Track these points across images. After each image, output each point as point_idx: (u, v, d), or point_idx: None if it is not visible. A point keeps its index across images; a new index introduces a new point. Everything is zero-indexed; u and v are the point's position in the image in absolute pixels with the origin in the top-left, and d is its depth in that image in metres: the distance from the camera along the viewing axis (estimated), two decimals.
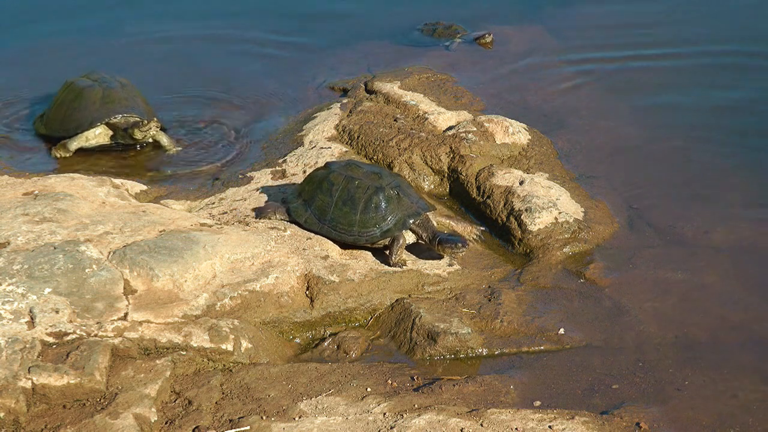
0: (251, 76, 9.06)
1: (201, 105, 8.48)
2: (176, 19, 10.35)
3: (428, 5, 10.40)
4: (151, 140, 7.71)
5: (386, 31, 9.80)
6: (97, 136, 7.70)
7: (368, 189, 5.98)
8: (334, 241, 6.15)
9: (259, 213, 6.38)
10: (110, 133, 7.70)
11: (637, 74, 8.66)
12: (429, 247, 6.12)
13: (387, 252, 6.05)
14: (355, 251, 6.28)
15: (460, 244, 6.01)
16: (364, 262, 6.17)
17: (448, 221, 6.38)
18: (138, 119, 7.59)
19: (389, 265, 6.02)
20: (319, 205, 6.08)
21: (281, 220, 6.27)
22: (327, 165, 6.32)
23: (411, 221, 6.01)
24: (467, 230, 6.33)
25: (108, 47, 9.76)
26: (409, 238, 6.11)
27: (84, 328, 5.28)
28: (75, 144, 7.65)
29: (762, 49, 8.89)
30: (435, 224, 6.15)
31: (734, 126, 7.71)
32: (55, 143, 7.74)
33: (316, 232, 6.17)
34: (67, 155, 7.64)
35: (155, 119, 7.63)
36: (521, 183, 6.76)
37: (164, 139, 7.76)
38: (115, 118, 7.63)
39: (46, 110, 7.97)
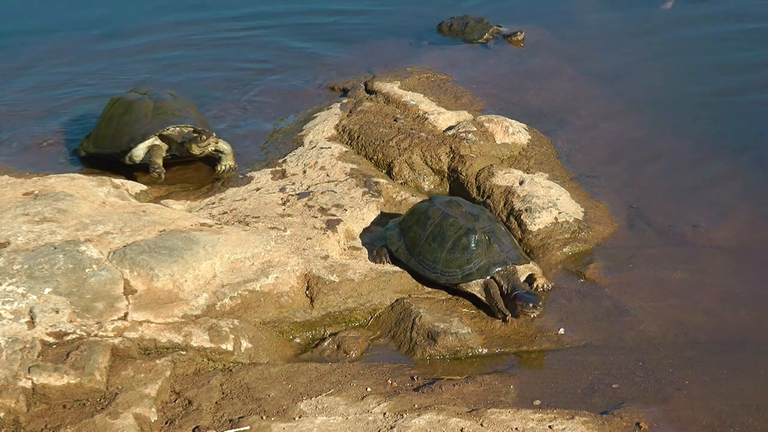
0: (251, 76, 9.06)
1: (201, 105, 8.48)
2: (176, 19, 10.35)
3: (429, 5, 10.40)
4: (210, 152, 7.24)
5: (389, 31, 9.81)
6: (154, 148, 7.24)
7: (460, 229, 5.74)
8: (419, 277, 5.92)
9: (373, 256, 6.13)
10: (165, 145, 7.24)
11: (638, 74, 8.65)
12: (505, 298, 5.72)
13: (486, 302, 5.73)
14: (355, 251, 6.29)
15: (531, 305, 5.58)
16: (364, 262, 6.17)
17: (543, 280, 5.93)
18: (194, 132, 7.17)
19: (492, 316, 5.69)
20: (412, 237, 5.90)
21: (381, 246, 6.10)
22: (432, 198, 6.11)
23: (495, 269, 5.69)
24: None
25: (104, 48, 9.77)
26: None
27: (84, 328, 5.28)
28: (155, 157, 7.16)
29: (763, 50, 8.90)
30: (520, 277, 5.78)
31: (734, 126, 7.70)
32: (102, 161, 7.36)
33: (404, 264, 5.96)
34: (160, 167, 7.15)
35: (213, 135, 7.17)
36: (521, 183, 6.76)
37: (226, 157, 7.26)
38: (168, 129, 7.21)
39: (92, 130, 7.58)
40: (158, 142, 7.24)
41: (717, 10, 9.84)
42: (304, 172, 7.03)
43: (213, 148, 7.19)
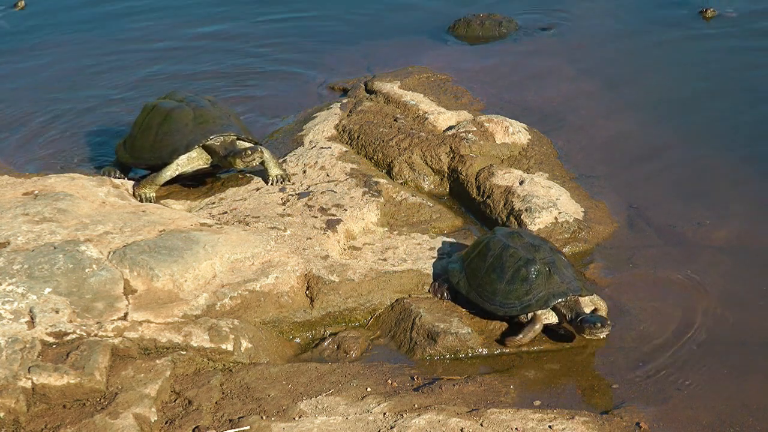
0: (251, 76, 9.06)
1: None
2: (176, 19, 10.35)
3: (429, 6, 10.40)
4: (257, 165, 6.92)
5: (389, 31, 9.81)
6: (193, 160, 6.88)
7: (520, 260, 5.58)
8: (479, 310, 5.73)
9: (433, 291, 5.96)
10: (207, 156, 6.90)
11: (638, 74, 8.65)
12: (570, 327, 5.55)
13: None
14: (355, 251, 6.29)
15: (599, 324, 5.36)
16: (364, 262, 6.17)
17: (602, 304, 5.71)
18: (238, 140, 6.87)
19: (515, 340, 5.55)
20: (473, 269, 5.75)
21: (443, 280, 5.92)
22: (494, 230, 5.97)
23: (555, 300, 5.49)
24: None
25: (111, 46, 9.78)
26: (552, 317, 5.57)
27: (84, 327, 5.28)
28: (168, 174, 6.84)
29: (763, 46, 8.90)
30: (584, 307, 5.55)
31: (734, 125, 7.70)
32: (133, 171, 7.16)
33: (463, 297, 5.78)
34: (155, 189, 6.85)
35: (259, 149, 6.80)
36: (521, 183, 6.76)
37: (273, 170, 6.95)
38: (211, 139, 6.84)
39: (127, 137, 7.24)
40: (201, 153, 6.89)
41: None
42: (304, 171, 7.03)
43: (258, 163, 6.86)
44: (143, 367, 5.20)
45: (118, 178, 7.03)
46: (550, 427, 4.82)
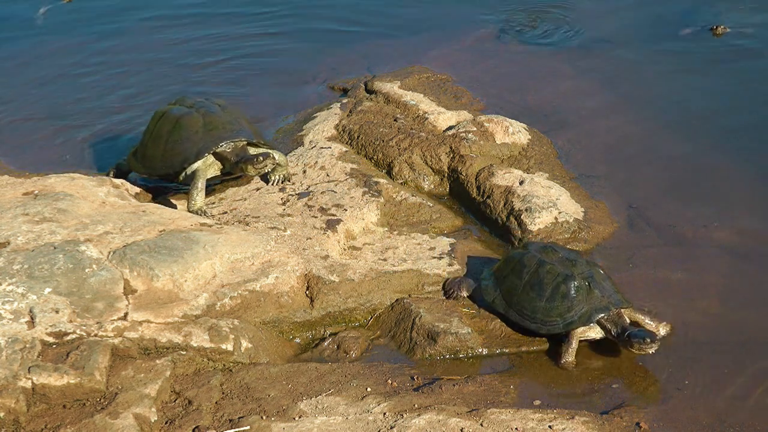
0: (251, 76, 9.06)
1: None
2: (175, 19, 10.35)
3: (430, 5, 10.40)
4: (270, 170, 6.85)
5: (389, 31, 9.80)
6: (208, 166, 6.77)
7: (558, 276, 5.51)
8: (519, 327, 5.64)
9: (447, 286, 5.92)
10: (218, 164, 6.79)
11: (638, 74, 8.65)
12: (616, 341, 5.46)
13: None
14: (355, 251, 6.29)
15: (648, 339, 5.28)
16: (364, 262, 6.17)
17: (641, 316, 5.59)
18: (248, 145, 6.77)
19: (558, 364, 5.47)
20: (509, 287, 5.66)
21: (467, 296, 5.85)
22: (526, 245, 5.89)
23: (598, 316, 5.41)
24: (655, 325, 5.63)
25: (101, 47, 9.77)
26: (596, 333, 5.49)
27: (84, 327, 5.28)
28: (200, 183, 6.67)
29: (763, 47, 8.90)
30: (627, 320, 5.47)
31: (734, 125, 7.70)
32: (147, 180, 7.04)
33: (501, 315, 5.68)
34: (204, 199, 6.66)
35: (271, 156, 6.69)
36: (521, 183, 6.76)
37: (282, 164, 6.89)
38: (222, 146, 6.72)
39: (137, 146, 7.10)
40: (213, 160, 6.77)
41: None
42: (304, 171, 7.03)
43: (270, 168, 6.78)
44: (143, 367, 5.20)
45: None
46: (550, 427, 4.82)
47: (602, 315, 5.43)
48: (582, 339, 5.48)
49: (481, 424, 4.83)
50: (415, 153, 7.18)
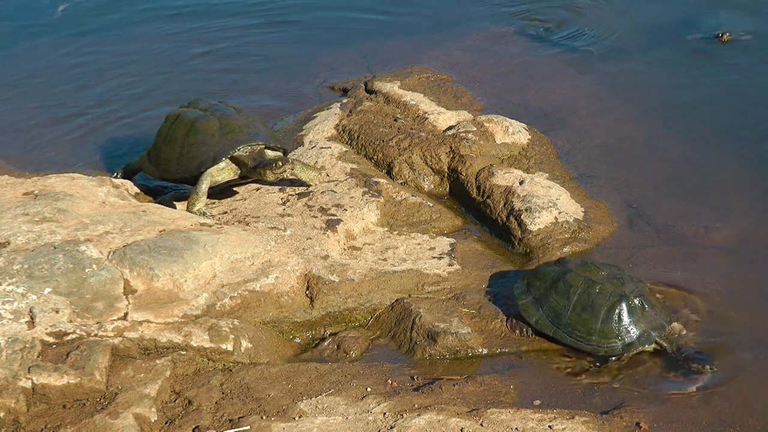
0: (251, 76, 9.06)
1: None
2: (175, 19, 10.35)
3: (430, 5, 10.40)
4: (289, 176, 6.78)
5: (389, 31, 9.80)
6: (222, 171, 6.66)
7: (611, 296, 5.42)
8: (567, 347, 5.57)
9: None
10: (235, 168, 6.69)
11: (638, 74, 8.65)
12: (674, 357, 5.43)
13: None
14: (355, 251, 6.29)
15: (707, 366, 5.23)
16: (364, 262, 6.17)
17: (677, 325, 5.54)
18: (267, 148, 6.68)
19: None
20: (554, 307, 5.54)
21: (515, 317, 5.69)
22: (561, 261, 5.79)
23: (656, 335, 5.39)
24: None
25: (100, 47, 9.77)
26: (648, 348, 5.46)
27: (84, 327, 5.28)
28: (204, 186, 6.60)
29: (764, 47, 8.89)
30: (677, 332, 5.46)
31: (734, 125, 7.70)
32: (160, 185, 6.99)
33: (547, 336, 5.57)
34: (204, 201, 6.62)
35: (290, 160, 6.64)
36: (521, 183, 6.76)
37: (305, 174, 6.81)
38: (239, 149, 6.62)
39: (150, 149, 7.00)
40: (229, 164, 6.67)
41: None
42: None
43: (289, 174, 6.68)
44: (143, 367, 5.20)
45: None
46: (550, 427, 4.82)
47: (659, 333, 5.41)
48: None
49: (481, 424, 4.83)
50: (415, 153, 7.18)
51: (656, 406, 5.07)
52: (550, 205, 6.55)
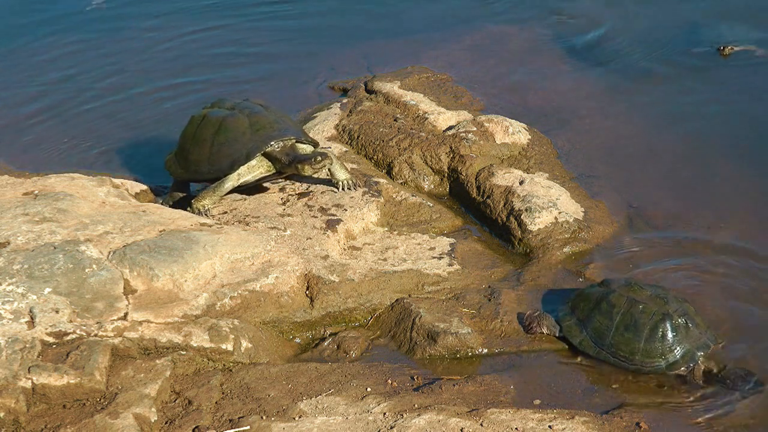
0: (251, 76, 9.07)
1: (200, 105, 8.49)
2: (174, 19, 10.36)
3: (430, 5, 10.40)
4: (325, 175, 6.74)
5: (389, 31, 9.81)
6: (254, 168, 6.60)
7: (654, 315, 5.39)
8: (614, 366, 5.51)
9: (526, 319, 5.70)
10: (268, 163, 6.61)
11: (638, 73, 8.65)
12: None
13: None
14: (355, 251, 6.29)
15: (751, 388, 5.18)
16: (364, 262, 6.17)
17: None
18: (297, 142, 6.62)
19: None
20: (597, 327, 5.50)
21: (548, 334, 5.64)
22: (605, 282, 5.74)
23: (700, 354, 5.33)
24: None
25: (100, 48, 9.78)
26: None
27: (84, 327, 5.28)
28: (229, 185, 6.56)
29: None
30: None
31: (735, 125, 7.70)
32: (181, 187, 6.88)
33: (591, 356, 5.50)
34: (216, 202, 6.61)
35: (329, 155, 6.60)
36: (521, 183, 6.77)
37: (340, 174, 6.76)
38: (272, 145, 6.55)
39: (176, 152, 6.87)
40: (262, 160, 6.61)
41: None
42: None
43: (328, 169, 6.66)
44: (143, 367, 5.20)
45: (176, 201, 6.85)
46: (550, 427, 4.82)
47: (703, 353, 5.37)
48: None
49: (481, 424, 4.83)
50: (415, 153, 7.18)
51: (656, 406, 5.07)
52: (550, 205, 6.55)
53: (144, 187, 7.00)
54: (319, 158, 6.51)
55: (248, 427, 4.88)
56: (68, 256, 5.67)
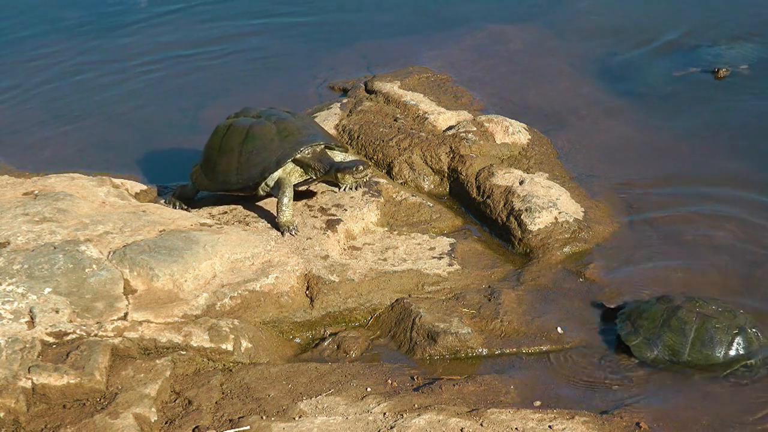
0: (251, 76, 9.06)
1: (200, 106, 8.49)
2: (174, 20, 10.35)
3: (430, 5, 10.40)
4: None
5: (389, 31, 9.80)
6: (288, 175, 6.46)
7: (729, 329, 5.42)
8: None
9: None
10: (300, 170, 6.47)
11: (637, 73, 8.65)
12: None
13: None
14: (355, 251, 6.29)
15: None
16: (364, 262, 6.17)
17: None
18: (327, 148, 6.51)
19: None
20: (670, 345, 5.47)
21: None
22: (665, 298, 5.70)
23: None
24: None
25: (100, 47, 9.78)
26: None
27: (84, 327, 5.28)
28: (288, 191, 6.35)
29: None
30: None
31: (735, 125, 7.70)
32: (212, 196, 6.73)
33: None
34: (292, 212, 6.38)
35: (369, 163, 6.51)
36: (521, 183, 6.76)
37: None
38: (301, 151, 6.42)
39: (202, 164, 6.69)
40: (294, 167, 6.47)
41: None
42: None
43: (369, 178, 6.60)
44: (143, 367, 5.20)
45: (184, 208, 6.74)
46: (550, 427, 4.82)
47: None
48: None
49: (481, 424, 4.83)
50: (415, 153, 7.18)
51: (656, 406, 5.07)
52: (550, 205, 6.55)
53: (144, 187, 7.00)
54: (361, 167, 6.42)
55: (248, 427, 4.88)
56: (68, 256, 5.67)
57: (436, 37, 9.58)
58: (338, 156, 6.59)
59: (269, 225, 6.38)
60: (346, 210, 6.56)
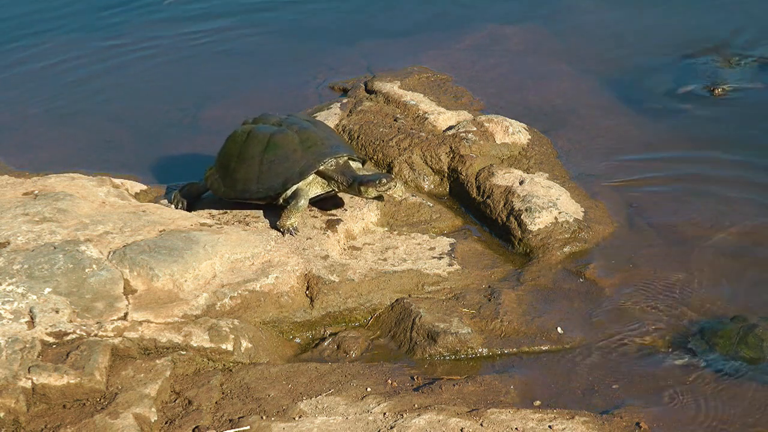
0: (251, 76, 9.06)
1: (200, 106, 8.49)
2: (174, 20, 10.35)
3: (430, 5, 10.39)
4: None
5: (389, 31, 9.80)
6: (309, 186, 6.34)
7: None
8: None
9: None
10: (322, 181, 6.36)
11: (638, 73, 8.65)
12: None
13: None
14: (355, 251, 6.29)
15: None
16: (364, 262, 6.17)
17: None
18: (350, 160, 6.42)
19: None
20: (747, 361, 5.42)
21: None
22: (739, 318, 5.66)
23: None
24: None
25: (100, 47, 9.77)
26: None
27: (84, 327, 5.28)
28: (303, 201, 6.26)
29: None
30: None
31: (736, 125, 7.70)
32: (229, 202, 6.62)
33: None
34: (299, 218, 6.35)
35: (393, 177, 6.39)
36: (521, 183, 6.76)
37: (399, 190, 6.60)
38: (325, 162, 6.30)
39: (218, 170, 6.54)
40: (316, 178, 6.35)
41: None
42: None
43: (391, 192, 6.43)
44: (143, 367, 5.20)
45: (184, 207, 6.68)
46: (550, 427, 4.82)
47: None
48: None
49: (481, 424, 4.83)
50: (415, 153, 7.18)
51: (656, 406, 5.07)
52: (550, 205, 6.55)
53: (144, 187, 6.99)
54: (384, 180, 6.27)
55: (248, 427, 4.88)
56: (68, 256, 5.67)
57: (436, 37, 9.58)
58: (361, 169, 6.49)
59: (269, 225, 6.38)
60: (346, 210, 6.56)
